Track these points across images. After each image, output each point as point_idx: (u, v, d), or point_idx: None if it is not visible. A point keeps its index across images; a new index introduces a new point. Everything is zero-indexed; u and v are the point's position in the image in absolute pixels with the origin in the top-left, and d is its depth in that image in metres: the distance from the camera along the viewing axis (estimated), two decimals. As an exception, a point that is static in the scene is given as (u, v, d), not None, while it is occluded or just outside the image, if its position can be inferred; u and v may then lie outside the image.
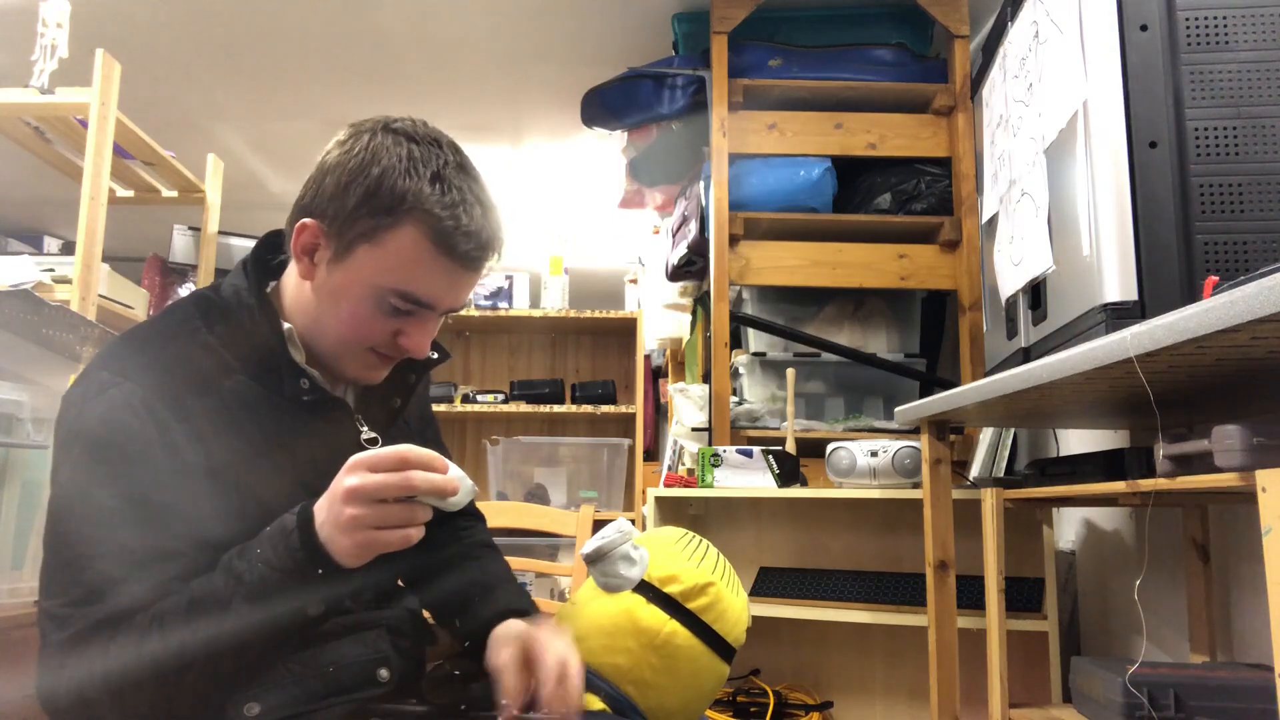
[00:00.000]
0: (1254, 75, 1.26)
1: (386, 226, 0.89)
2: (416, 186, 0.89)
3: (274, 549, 0.81)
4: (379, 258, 0.90)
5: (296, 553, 0.81)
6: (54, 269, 2.27)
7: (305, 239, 0.93)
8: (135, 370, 0.87)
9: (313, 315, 0.95)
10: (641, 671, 1.02)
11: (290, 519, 0.83)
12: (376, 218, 0.89)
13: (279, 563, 0.81)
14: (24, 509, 1.49)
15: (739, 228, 2.57)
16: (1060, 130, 1.42)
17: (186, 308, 0.95)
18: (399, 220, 0.89)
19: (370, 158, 0.90)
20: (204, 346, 0.91)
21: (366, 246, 0.90)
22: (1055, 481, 1.53)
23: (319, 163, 0.94)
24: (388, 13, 2.98)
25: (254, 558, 0.82)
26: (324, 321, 0.95)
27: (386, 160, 0.89)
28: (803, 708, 2.17)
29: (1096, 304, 1.27)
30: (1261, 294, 0.79)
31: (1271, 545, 0.87)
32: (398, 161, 0.89)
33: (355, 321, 0.93)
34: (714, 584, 1.07)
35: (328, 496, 0.82)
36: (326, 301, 0.94)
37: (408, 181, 0.89)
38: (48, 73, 2.23)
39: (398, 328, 0.95)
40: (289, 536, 0.81)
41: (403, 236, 0.89)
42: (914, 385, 2.70)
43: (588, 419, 3.45)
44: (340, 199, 0.90)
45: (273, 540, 0.82)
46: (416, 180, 0.89)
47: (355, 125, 0.94)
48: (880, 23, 2.77)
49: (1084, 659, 1.56)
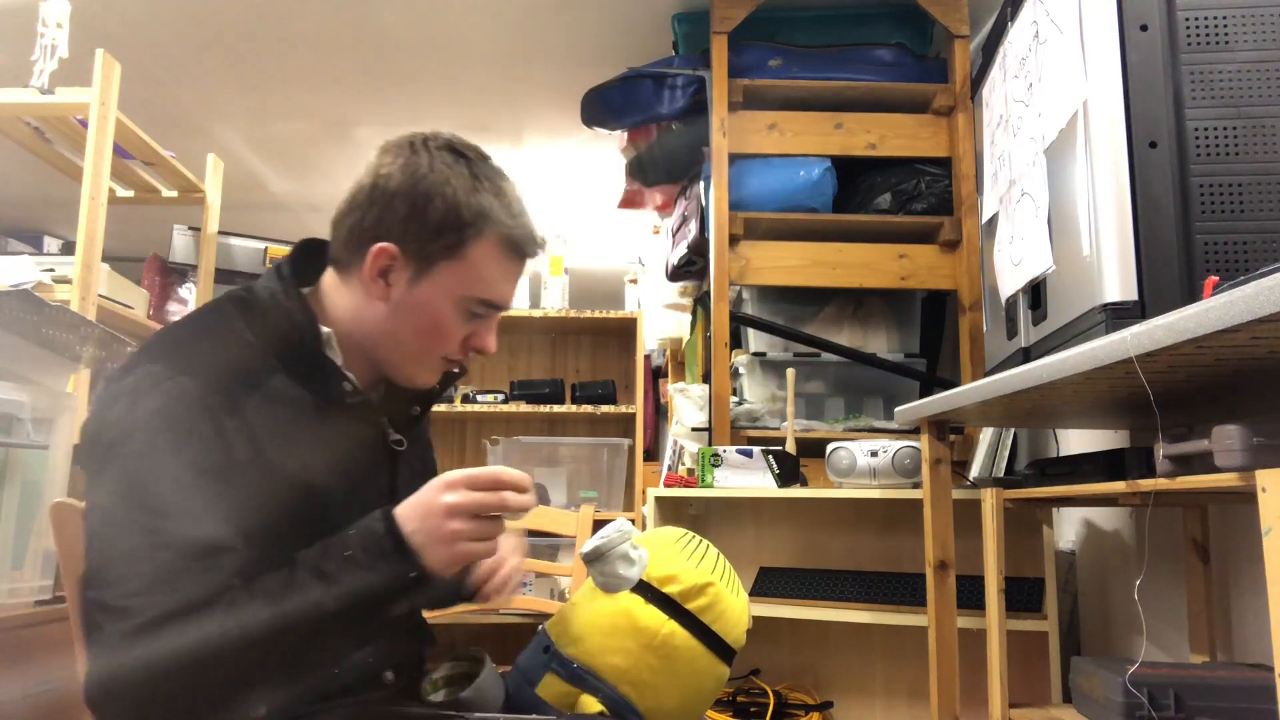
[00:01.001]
0: (1254, 75, 1.25)
1: (466, 241, 0.97)
2: (487, 202, 0.98)
3: (365, 553, 0.85)
4: (461, 270, 0.98)
5: (390, 557, 0.85)
6: (54, 269, 2.27)
7: (380, 262, 0.97)
8: (186, 365, 0.89)
9: (385, 330, 0.99)
10: (640, 672, 1.02)
11: (377, 525, 0.87)
12: (456, 233, 0.96)
13: (370, 566, 0.85)
14: (24, 509, 1.49)
15: (739, 228, 2.57)
16: (1060, 130, 1.42)
17: (224, 307, 0.97)
18: (477, 234, 0.97)
19: (440, 179, 0.96)
20: (246, 345, 0.94)
21: (448, 262, 0.97)
22: (1055, 481, 1.53)
23: (372, 188, 0.97)
24: (388, 13, 2.98)
25: (343, 560, 0.85)
26: (401, 334, 0.99)
27: (455, 180, 0.97)
28: (803, 708, 2.17)
29: (1096, 304, 1.27)
30: (1261, 294, 0.79)
31: (1271, 545, 0.87)
32: (464, 180, 0.97)
33: (437, 331, 1.00)
34: (713, 584, 1.07)
35: (419, 509, 0.87)
36: (405, 315, 0.99)
37: (478, 198, 0.97)
38: (48, 73, 2.23)
39: (471, 330, 1.02)
40: (379, 542, 0.86)
41: (481, 249, 0.98)
42: (914, 385, 2.70)
43: (588, 419, 3.45)
44: (418, 220, 0.96)
45: (363, 545, 0.86)
46: (486, 195, 0.98)
47: (397, 146, 0.99)
48: (880, 23, 2.77)
49: (1084, 659, 1.56)
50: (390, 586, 0.85)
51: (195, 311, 1.00)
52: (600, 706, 1.00)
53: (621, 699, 1.02)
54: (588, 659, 1.03)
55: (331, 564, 0.85)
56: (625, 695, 1.02)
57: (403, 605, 0.88)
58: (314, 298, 1.02)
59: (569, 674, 1.03)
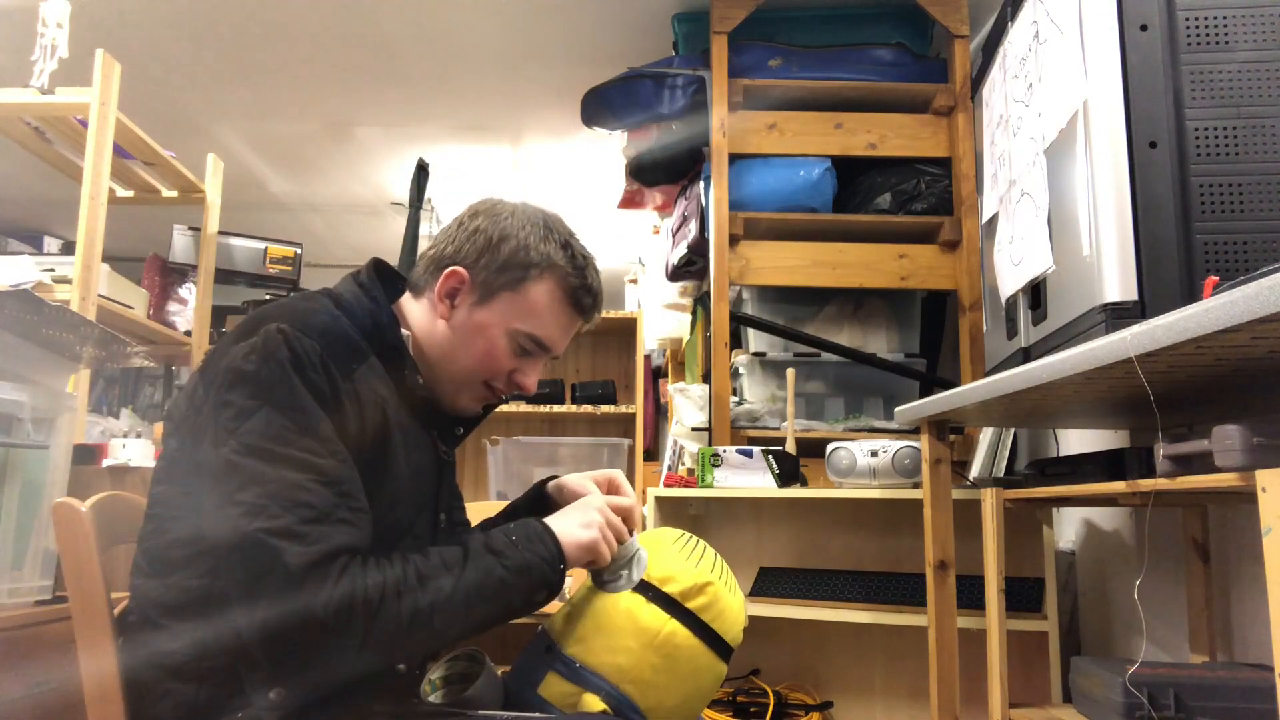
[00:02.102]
0: (1254, 75, 1.25)
1: (529, 279, 1.08)
2: (554, 250, 1.09)
3: (530, 542, 0.99)
4: (518, 303, 1.08)
5: (552, 547, 1.00)
6: (54, 269, 2.27)
7: (451, 283, 1.08)
8: (307, 329, 0.95)
9: (443, 348, 1.09)
10: (642, 671, 1.02)
11: (536, 525, 1.01)
12: (521, 270, 1.08)
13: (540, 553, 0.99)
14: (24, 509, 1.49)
15: (739, 228, 2.57)
16: (1060, 130, 1.42)
17: (318, 298, 1.04)
18: (540, 275, 1.09)
19: (516, 224, 1.09)
20: (347, 329, 1.01)
21: (509, 294, 1.08)
22: (1055, 481, 1.53)
23: (458, 225, 1.11)
24: (388, 13, 2.98)
25: (512, 544, 0.98)
26: (455, 354, 1.09)
27: (530, 227, 1.10)
28: (803, 708, 2.17)
29: (1096, 304, 1.27)
30: (1261, 294, 0.79)
31: (1271, 545, 0.87)
32: (537, 228, 1.10)
33: (487, 356, 1.09)
34: (712, 583, 1.07)
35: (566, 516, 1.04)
36: (462, 337, 1.09)
37: (546, 246, 1.09)
38: (48, 73, 2.23)
39: (516, 365, 1.11)
40: (541, 538, 1.00)
41: (540, 289, 1.09)
42: (914, 385, 2.70)
43: (588, 419, 3.45)
44: (490, 254, 1.08)
45: (527, 538, 0.99)
46: (554, 245, 1.10)
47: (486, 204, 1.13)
48: (880, 23, 2.77)
49: (1084, 659, 1.56)
50: (547, 575, 0.98)
51: (292, 297, 1.06)
52: (603, 705, 1.01)
53: (624, 698, 1.02)
54: (590, 658, 1.03)
55: (498, 542, 0.98)
56: (627, 694, 1.02)
57: (543, 597, 0.99)
58: (398, 309, 1.11)
59: (572, 673, 1.03)
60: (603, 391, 3.36)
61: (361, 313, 1.03)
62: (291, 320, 0.95)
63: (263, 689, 0.89)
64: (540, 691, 1.03)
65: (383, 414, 1.00)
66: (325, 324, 0.98)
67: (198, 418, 0.94)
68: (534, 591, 0.98)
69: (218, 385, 0.93)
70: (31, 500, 1.50)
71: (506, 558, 0.96)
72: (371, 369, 1.01)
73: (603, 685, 1.02)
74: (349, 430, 0.95)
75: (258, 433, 0.89)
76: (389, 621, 0.88)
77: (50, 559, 1.53)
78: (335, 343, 0.97)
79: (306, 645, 0.87)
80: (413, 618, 0.89)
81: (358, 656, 0.88)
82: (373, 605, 0.87)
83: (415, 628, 0.89)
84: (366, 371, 1.00)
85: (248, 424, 0.89)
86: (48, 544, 1.52)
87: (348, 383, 0.96)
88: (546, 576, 0.98)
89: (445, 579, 0.92)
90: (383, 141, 4.02)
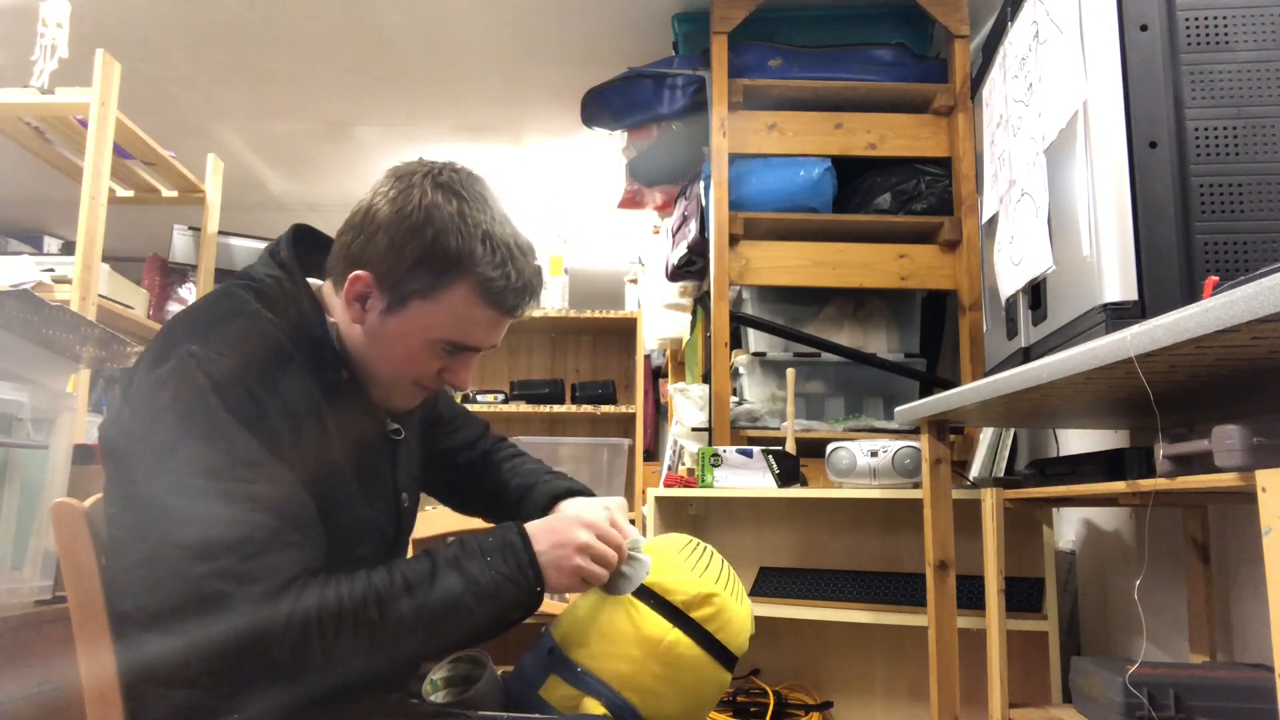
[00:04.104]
0: (1254, 75, 1.25)
1: (442, 286, 0.95)
2: (469, 247, 0.94)
3: (504, 561, 0.93)
4: (433, 312, 0.97)
5: (527, 570, 0.93)
6: (54, 269, 2.27)
7: (358, 289, 0.97)
8: (223, 347, 0.89)
9: (364, 349, 1.00)
10: (643, 679, 1.02)
11: (514, 538, 0.94)
12: (432, 277, 0.95)
13: (510, 574, 0.92)
14: (24, 509, 1.49)
15: (739, 228, 2.57)
16: (1060, 130, 1.42)
17: (238, 293, 0.97)
18: (454, 280, 0.95)
19: (424, 217, 0.94)
20: (268, 330, 0.94)
21: (420, 302, 0.96)
22: (1055, 481, 1.53)
23: (365, 212, 0.97)
24: (388, 13, 2.98)
25: (484, 564, 0.92)
26: (375, 357, 1.00)
27: (440, 220, 0.94)
28: (803, 708, 2.17)
29: (1096, 304, 1.27)
30: (1261, 294, 0.79)
31: (1271, 545, 0.87)
32: (449, 220, 0.94)
33: (406, 363, 1.00)
34: (718, 594, 1.07)
35: (552, 535, 0.96)
36: (376, 343, 0.99)
37: (460, 242, 0.94)
38: (48, 73, 2.23)
39: (444, 366, 1.02)
40: (517, 555, 0.93)
41: (456, 295, 0.96)
42: (914, 385, 2.70)
43: (588, 419, 3.45)
44: (395, 256, 0.95)
45: (501, 553, 0.93)
46: (469, 241, 0.94)
47: (399, 174, 0.98)
48: (880, 23, 2.77)
49: (1084, 659, 1.56)
50: (519, 596, 0.92)
51: (209, 296, 0.99)
52: (603, 710, 1.00)
53: (625, 704, 1.02)
54: (592, 663, 1.03)
55: (469, 562, 0.92)
56: (628, 700, 1.02)
57: (518, 616, 0.93)
58: (320, 292, 1.03)
59: (573, 678, 1.03)
60: (603, 392, 3.36)
61: (284, 302, 0.96)
62: (205, 337, 0.89)
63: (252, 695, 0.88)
64: (541, 693, 1.03)
65: (317, 415, 0.95)
66: (241, 332, 0.91)
67: (128, 444, 0.90)
68: (505, 613, 0.92)
69: (141, 416, 0.89)
70: (31, 500, 1.50)
71: (477, 583, 0.90)
72: (299, 369, 0.94)
73: (604, 691, 1.02)
74: (283, 444, 0.89)
75: (186, 470, 0.85)
76: (345, 649, 0.85)
77: (50, 559, 1.53)
78: (254, 352, 0.90)
79: (267, 673, 0.85)
80: (371, 644, 0.86)
81: (320, 677, 0.85)
82: (328, 633, 0.84)
83: (375, 652, 0.86)
84: (294, 373, 0.94)
85: (173, 462, 0.85)
86: (48, 544, 1.52)
87: (274, 396, 0.90)
88: (519, 599, 0.92)
89: (405, 603, 0.87)
90: (383, 141, 4.02)
